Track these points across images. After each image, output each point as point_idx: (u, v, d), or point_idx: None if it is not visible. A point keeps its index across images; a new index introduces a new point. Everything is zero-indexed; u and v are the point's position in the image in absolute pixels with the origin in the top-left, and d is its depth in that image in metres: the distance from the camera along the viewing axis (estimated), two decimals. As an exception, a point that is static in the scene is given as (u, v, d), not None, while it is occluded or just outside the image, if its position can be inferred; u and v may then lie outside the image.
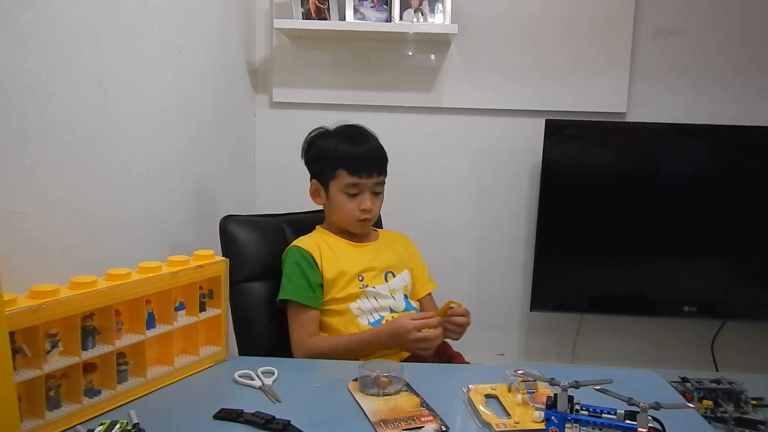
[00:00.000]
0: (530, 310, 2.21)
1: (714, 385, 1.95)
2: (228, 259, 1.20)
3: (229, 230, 1.46)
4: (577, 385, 0.86)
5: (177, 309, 1.11)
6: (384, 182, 1.49)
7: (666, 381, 1.14)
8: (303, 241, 1.47)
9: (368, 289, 1.44)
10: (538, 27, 2.21)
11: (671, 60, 2.21)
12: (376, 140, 1.50)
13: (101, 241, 1.27)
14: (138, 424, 0.80)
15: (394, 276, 1.50)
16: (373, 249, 1.53)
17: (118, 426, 0.77)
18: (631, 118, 2.24)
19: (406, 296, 1.50)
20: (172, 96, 1.61)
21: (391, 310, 1.45)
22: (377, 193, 1.48)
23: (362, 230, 1.51)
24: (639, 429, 0.79)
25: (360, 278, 1.45)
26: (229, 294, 1.40)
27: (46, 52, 1.09)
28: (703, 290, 2.15)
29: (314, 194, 1.52)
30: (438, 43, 2.24)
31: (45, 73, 1.09)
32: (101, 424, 0.77)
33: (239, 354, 1.43)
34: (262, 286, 1.46)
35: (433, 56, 2.27)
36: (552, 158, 2.12)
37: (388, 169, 1.51)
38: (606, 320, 2.32)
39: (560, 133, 2.12)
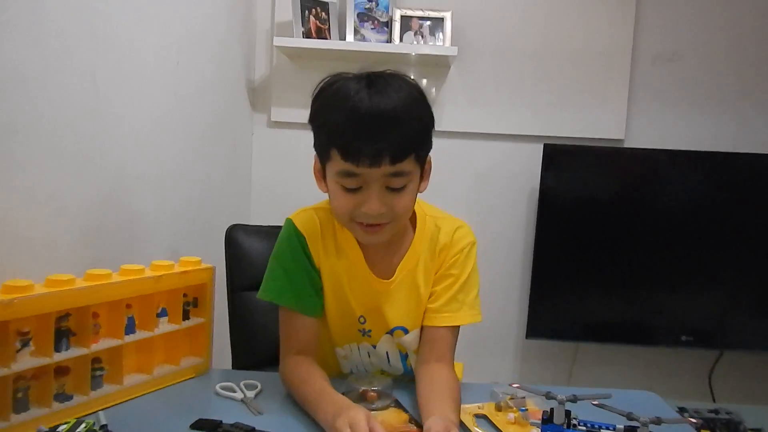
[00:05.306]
0: (526, 338, 2.16)
1: (712, 415, 1.90)
2: (215, 267, 1.16)
3: (234, 238, 1.45)
4: (574, 399, 0.82)
5: (159, 315, 1.07)
6: (410, 171, 0.98)
7: (664, 401, 1.10)
8: (303, 216, 1.11)
9: (363, 345, 1.13)
10: (537, 53, 2.22)
11: (670, 86, 2.21)
12: (407, 97, 0.95)
13: (87, 242, 1.23)
14: (107, 425, 0.75)
15: (405, 333, 1.11)
16: (394, 279, 1.10)
17: (83, 425, 0.72)
18: (629, 145, 2.22)
19: (404, 356, 1.16)
20: (170, 107, 1.59)
21: (382, 372, 1.17)
22: (396, 189, 0.97)
23: (372, 240, 1.03)
24: (639, 444, 0.75)
25: (362, 320, 1.12)
26: (230, 301, 1.42)
27: (37, 44, 1.07)
28: (702, 319, 2.11)
29: (317, 174, 1.06)
30: (438, 66, 2.24)
31: (36, 66, 1.07)
32: (66, 422, 0.72)
33: (233, 364, 1.40)
34: None
35: (433, 79, 2.27)
36: (550, 184, 2.10)
37: None
38: (602, 349, 2.27)
39: (558, 158, 2.11)
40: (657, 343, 2.16)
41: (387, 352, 1.14)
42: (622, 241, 2.12)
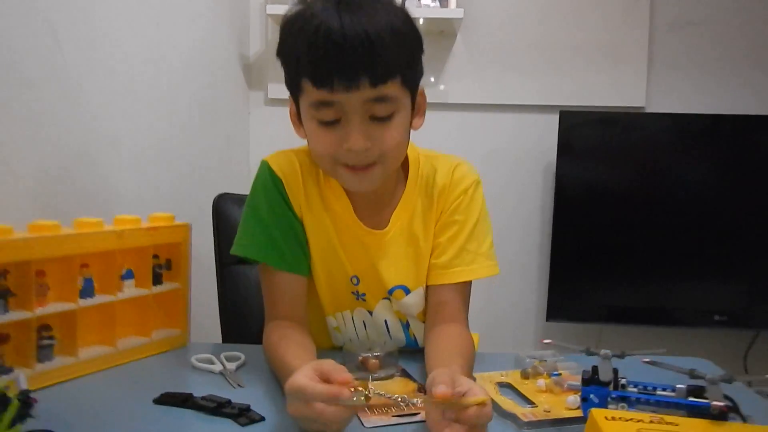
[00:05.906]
0: (546, 321, 2.01)
1: (757, 400, 1.73)
2: (190, 224, 1.01)
3: (223, 209, 1.31)
4: (622, 355, 0.66)
5: (123, 278, 0.92)
6: (396, 96, 0.83)
7: (720, 369, 0.93)
8: (280, 158, 0.96)
9: (358, 312, 0.98)
10: (550, 20, 2.07)
11: (690, 51, 2.06)
12: (384, 11, 0.80)
13: (43, 207, 1.08)
14: (27, 391, 0.60)
15: (406, 293, 0.97)
16: (388, 230, 0.95)
17: (-9, 389, 0.56)
18: (651, 111, 2.07)
19: (406, 325, 1.00)
20: (150, 75, 1.46)
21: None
22: (381, 119, 0.83)
23: (361, 185, 0.88)
24: (713, 404, 0.59)
25: (354, 281, 0.97)
26: (219, 276, 1.29)
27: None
28: (736, 298, 1.93)
29: (293, 118, 0.92)
30: (443, 35, 2.10)
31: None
32: (-29, 386, 0.57)
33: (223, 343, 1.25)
34: (254, 269, 1.28)
35: (438, 50, 2.12)
36: (567, 156, 1.94)
37: None
38: (628, 331, 2.09)
39: (576, 127, 1.95)
40: (688, 324, 1.98)
41: (386, 321, 0.98)
42: (648, 215, 1.95)
